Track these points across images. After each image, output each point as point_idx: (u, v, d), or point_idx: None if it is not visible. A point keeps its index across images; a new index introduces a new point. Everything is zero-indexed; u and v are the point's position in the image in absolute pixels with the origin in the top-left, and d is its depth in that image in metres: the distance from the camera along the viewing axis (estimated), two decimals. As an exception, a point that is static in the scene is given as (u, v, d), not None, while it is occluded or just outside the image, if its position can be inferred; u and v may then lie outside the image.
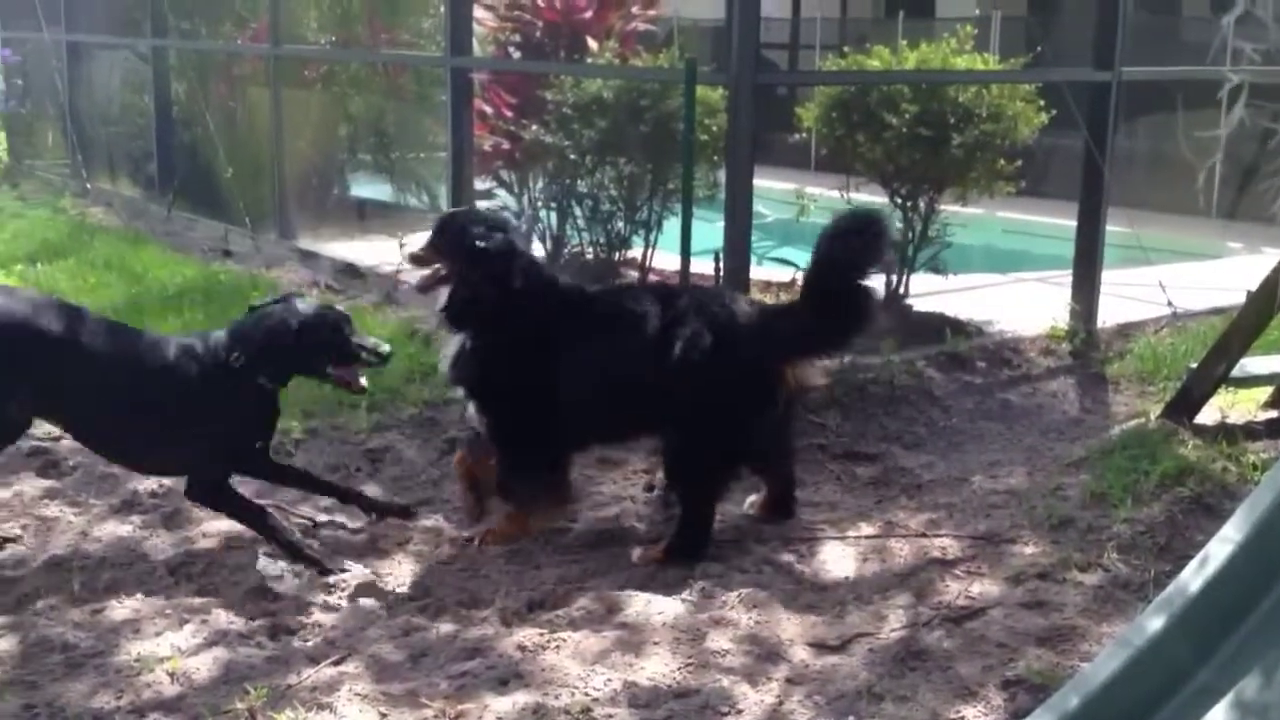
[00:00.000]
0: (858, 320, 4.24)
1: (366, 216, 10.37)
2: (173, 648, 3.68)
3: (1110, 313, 6.90)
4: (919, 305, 6.97)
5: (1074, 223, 6.97)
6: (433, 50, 9.18)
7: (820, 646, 3.66)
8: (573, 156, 7.37)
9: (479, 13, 8.04)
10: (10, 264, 8.68)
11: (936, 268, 6.94)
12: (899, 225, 6.88)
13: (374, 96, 10.09)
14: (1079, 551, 4.19)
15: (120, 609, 3.96)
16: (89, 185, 12.21)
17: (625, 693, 3.40)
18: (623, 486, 5.00)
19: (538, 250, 8.12)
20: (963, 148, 6.54)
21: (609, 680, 3.46)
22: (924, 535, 4.48)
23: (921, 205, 6.87)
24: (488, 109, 8.21)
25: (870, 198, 7.00)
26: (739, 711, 3.31)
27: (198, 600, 4.02)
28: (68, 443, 5.37)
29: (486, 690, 3.43)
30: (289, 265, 8.68)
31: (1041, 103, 6.82)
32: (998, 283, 8.43)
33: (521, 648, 3.65)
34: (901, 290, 6.94)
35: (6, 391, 4.18)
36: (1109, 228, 6.80)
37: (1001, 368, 6.26)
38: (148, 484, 4.98)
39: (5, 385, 4.16)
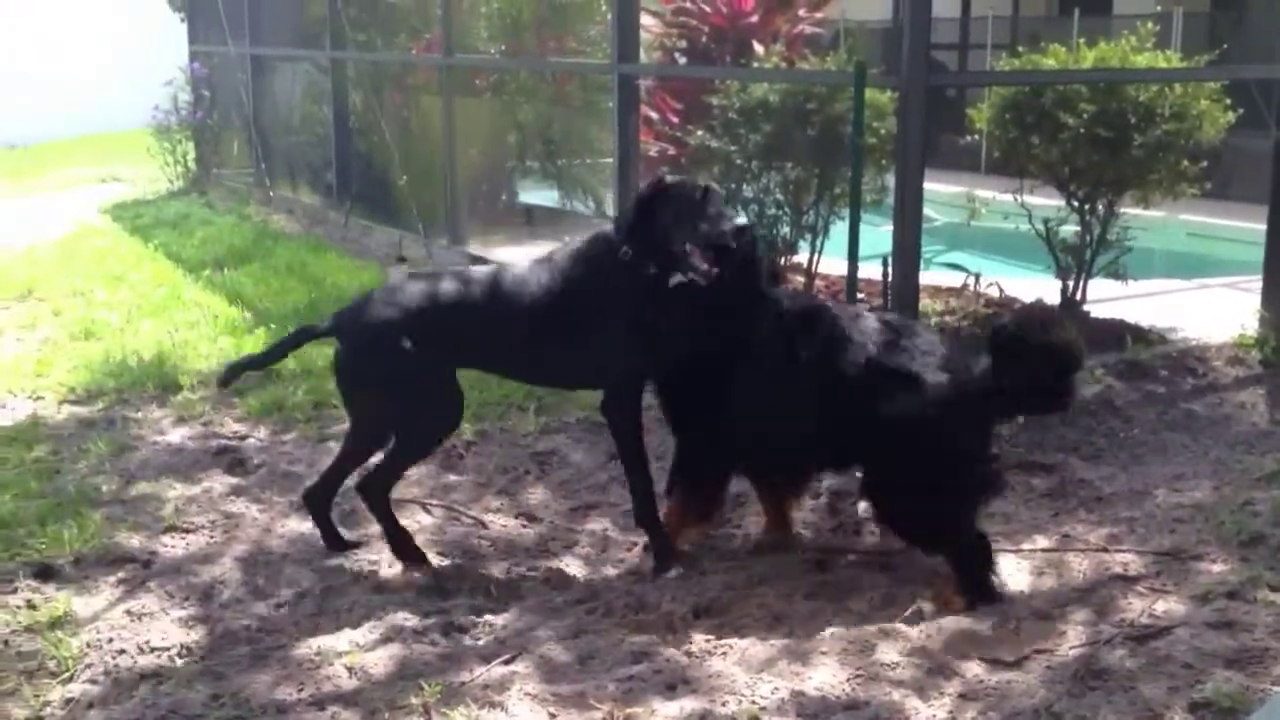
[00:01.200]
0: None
1: (534, 222, 10.56)
2: (351, 643, 3.79)
3: (1303, 320, 6.56)
4: (1097, 311, 6.75)
5: (1263, 226, 6.67)
6: (600, 57, 9.28)
7: (995, 662, 3.57)
8: (738, 161, 7.35)
9: (646, 19, 8.10)
10: (199, 268, 9.08)
11: (1116, 273, 6.70)
12: (1075, 228, 6.68)
13: (542, 104, 10.25)
14: (1270, 570, 4.01)
15: (301, 603, 4.10)
16: (272, 193, 12.70)
17: (793, 702, 3.38)
18: (789, 493, 4.96)
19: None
20: (1144, 148, 6.31)
21: (776, 689, 3.44)
22: (1104, 550, 4.33)
23: (1100, 208, 6.65)
24: (654, 115, 8.27)
25: (1045, 200, 6.82)
26: (910, 726, 3.26)
27: (375, 597, 4.13)
28: (254, 441, 5.61)
29: (654, 695, 3.44)
30: (460, 270, 8.87)
31: (1228, 101, 6.54)
32: (1181, 288, 8.11)
33: (688, 653, 3.66)
34: (1079, 296, 6.73)
35: (447, 369, 4.33)
36: (1302, 231, 6.48)
37: (1186, 377, 6.02)
38: (327, 483, 5.15)
39: (444, 362, 4.30)
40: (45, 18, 21.48)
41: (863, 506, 4.57)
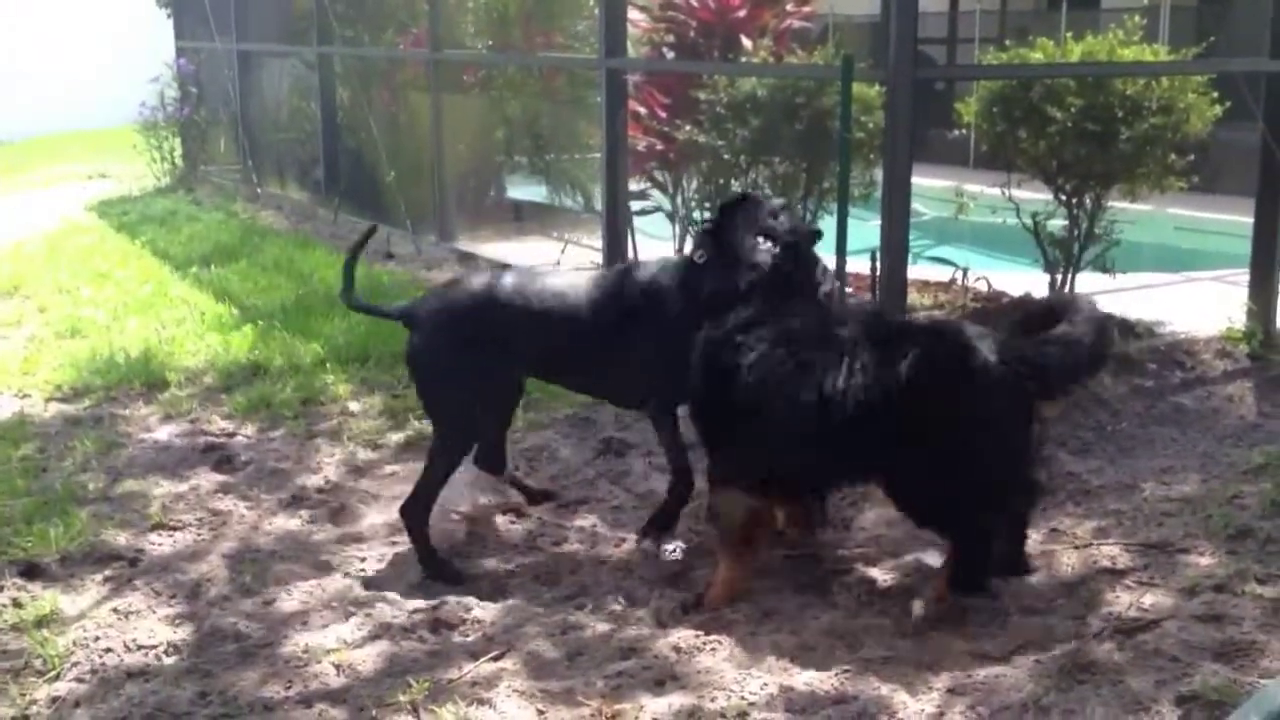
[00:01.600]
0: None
1: (523, 218, 10.54)
2: (339, 639, 3.79)
3: (1290, 313, 6.58)
4: (1084, 305, 6.74)
5: (1251, 219, 6.67)
6: (587, 52, 9.25)
7: (983, 656, 3.57)
8: (727, 156, 7.34)
9: (633, 14, 8.07)
10: (186, 266, 9.05)
11: (1104, 266, 6.71)
12: (1063, 222, 6.68)
13: (529, 99, 10.22)
14: (1258, 563, 4.01)
15: (289, 601, 4.09)
16: (259, 189, 12.66)
17: (781, 697, 3.37)
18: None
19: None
20: (1131, 142, 6.32)
21: (765, 684, 3.43)
22: (1092, 544, 4.33)
23: (1087, 202, 6.66)
24: (641, 110, 8.24)
25: (1033, 194, 6.82)
26: (898, 720, 3.26)
27: (363, 593, 4.13)
28: (241, 439, 5.59)
29: (642, 690, 3.44)
30: (448, 267, 8.85)
31: (1215, 95, 6.55)
32: (1169, 282, 8.12)
33: (677, 649, 3.66)
34: (1066, 289, 6.74)
35: (512, 367, 4.41)
36: (1288, 224, 6.48)
37: (1174, 370, 6.03)
38: (315, 479, 5.14)
39: (509, 360, 4.36)
40: (45, 17, 21.44)
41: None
